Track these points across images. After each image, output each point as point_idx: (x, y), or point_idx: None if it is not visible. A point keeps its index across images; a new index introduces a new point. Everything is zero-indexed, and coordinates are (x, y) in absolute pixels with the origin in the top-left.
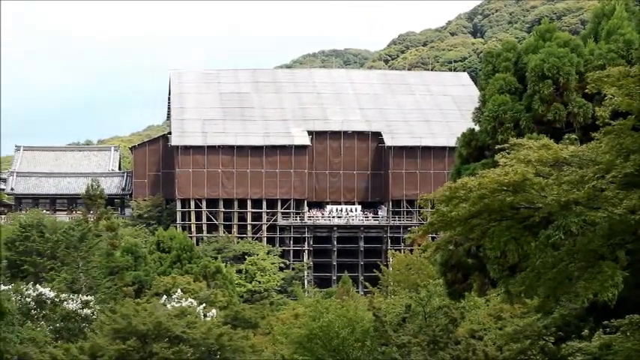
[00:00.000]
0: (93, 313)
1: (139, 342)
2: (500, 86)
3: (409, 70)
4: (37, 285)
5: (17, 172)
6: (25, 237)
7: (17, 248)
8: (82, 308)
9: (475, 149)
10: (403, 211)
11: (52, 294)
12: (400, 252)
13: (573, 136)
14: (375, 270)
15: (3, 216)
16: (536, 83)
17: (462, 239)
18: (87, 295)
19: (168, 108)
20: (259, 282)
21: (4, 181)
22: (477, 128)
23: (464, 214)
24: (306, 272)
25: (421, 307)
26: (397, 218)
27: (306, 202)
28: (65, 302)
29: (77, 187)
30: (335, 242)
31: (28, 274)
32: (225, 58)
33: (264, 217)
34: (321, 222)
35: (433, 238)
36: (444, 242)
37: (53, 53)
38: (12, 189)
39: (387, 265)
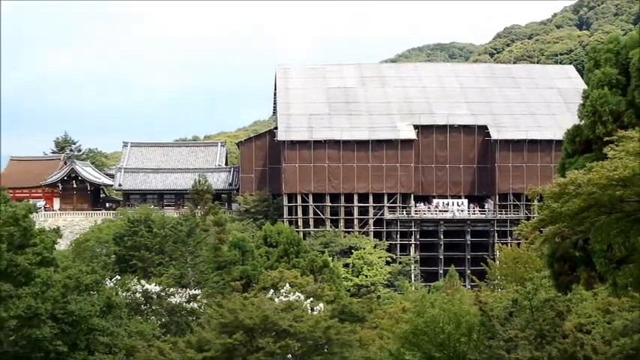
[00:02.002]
0: (200, 307)
1: (245, 336)
2: (599, 79)
3: (515, 63)
4: (142, 280)
5: (125, 168)
6: (134, 232)
7: (126, 243)
8: (188, 302)
9: (579, 145)
10: (510, 204)
11: (157, 289)
12: (507, 245)
13: None
14: (482, 264)
15: (112, 211)
16: (637, 77)
17: (569, 232)
18: (194, 290)
19: (274, 103)
20: (366, 276)
21: (113, 177)
22: (582, 123)
23: (573, 209)
24: (413, 266)
25: (528, 300)
26: (504, 212)
27: (412, 196)
28: (171, 296)
29: (184, 182)
30: (442, 236)
31: (137, 268)
32: (331, 54)
33: (371, 211)
34: (428, 216)
35: (540, 232)
36: (551, 234)
37: (160, 51)
38: (120, 185)
39: (494, 259)
